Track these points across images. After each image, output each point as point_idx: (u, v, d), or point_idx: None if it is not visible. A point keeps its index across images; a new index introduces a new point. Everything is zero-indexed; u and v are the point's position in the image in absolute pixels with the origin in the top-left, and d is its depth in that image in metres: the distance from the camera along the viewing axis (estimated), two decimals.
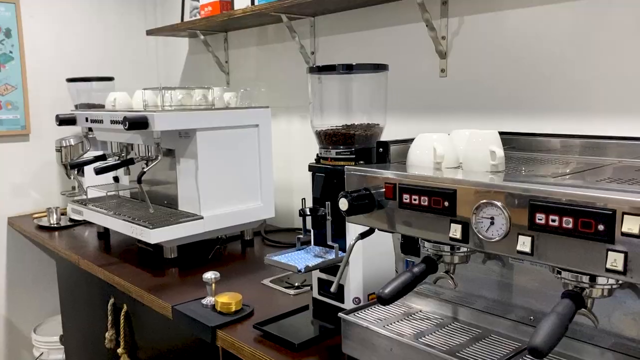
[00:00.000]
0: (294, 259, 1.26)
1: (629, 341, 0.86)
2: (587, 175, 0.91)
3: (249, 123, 1.89)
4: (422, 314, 1.11)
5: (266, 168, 1.94)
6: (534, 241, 0.79)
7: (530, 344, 0.71)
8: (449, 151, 1.06)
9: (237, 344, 1.24)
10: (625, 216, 0.70)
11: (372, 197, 1.01)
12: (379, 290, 0.91)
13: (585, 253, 0.74)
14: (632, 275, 0.70)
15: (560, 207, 0.76)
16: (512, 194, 0.81)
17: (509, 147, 1.35)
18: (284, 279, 1.62)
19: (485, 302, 1.05)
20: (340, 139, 1.26)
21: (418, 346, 0.95)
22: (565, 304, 0.75)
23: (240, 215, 1.89)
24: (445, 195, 0.90)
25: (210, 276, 1.41)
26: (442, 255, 0.98)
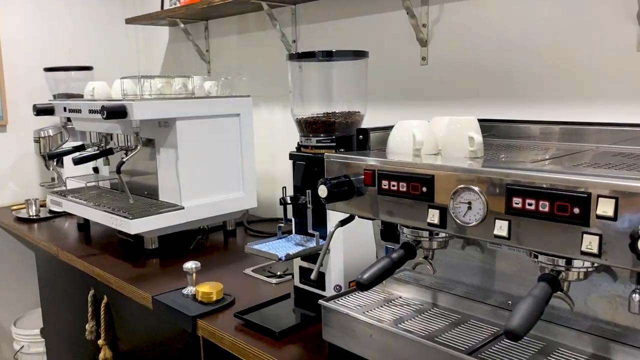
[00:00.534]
0: (274, 247, 1.25)
1: (604, 324, 0.87)
2: (565, 161, 0.92)
3: (229, 112, 1.87)
4: (402, 300, 1.11)
5: (248, 158, 1.93)
6: (511, 225, 0.79)
7: (506, 327, 0.71)
8: (429, 138, 1.06)
9: (218, 333, 1.23)
10: (600, 199, 0.70)
11: (352, 184, 1.01)
12: (358, 276, 0.91)
13: (561, 236, 0.75)
14: (607, 258, 0.71)
15: (537, 191, 0.76)
16: (489, 178, 0.82)
17: (489, 134, 1.36)
18: (266, 268, 1.62)
19: (464, 288, 1.05)
20: (321, 126, 1.25)
21: (397, 332, 0.95)
22: (542, 287, 0.76)
23: (221, 206, 1.88)
24: (423, 181, 0.89)
25: (190, 266, 1.40)
26: (420, 241, 0.98)
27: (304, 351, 1.12)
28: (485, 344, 0.91)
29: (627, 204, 0.69)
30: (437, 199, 0.89)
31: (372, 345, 0.99)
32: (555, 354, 0.88)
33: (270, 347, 1.14)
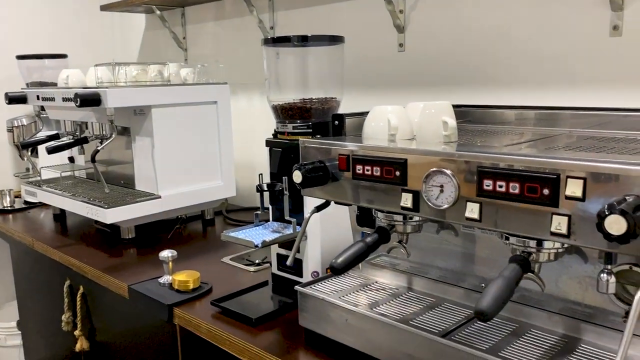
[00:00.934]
0: (251, 234, 1.25)
1: (575, 305, 0.88)
2: (538, 145, 0.92)
3: (206, 100, 1.85)
4: (377, 284, 1.12)
5: (226, 146, 1.91)
6: (482, 208, 0.80)
7: (476, 308, 0.71)
8: (404, 123, 1.06)
9: (194, 321, 1.22)
10: (569, 180, 0.71)
11: (327, 169, 1.01)
12: (332, 261, 0.91)
13: (531, 218, 0.75)
14: (576, 238, 0.71)
15: (507, 173, 0.76)
16: (461, 161, 0.82)
17: (464, 120, 1.36)
18: (245, 257, 1.61)
19: (439, 272, 1.06)
20: (297, 112, 1.25)
21: (372, 315, 0.95)
22: (512, 268, 0.76)
23: (199, 195, 1.86)
24: (396, 165, 0.89)
25: (166, 254, 1.38)
26: (394, 225, 0.98)
27: (281, 337, 1.12)
28: (458, 326, 0.92)
29: (595, 185, 0.69)
30: (410, 183, 0.89)
31: (348, 329, 1.00)
32: (527, 335, 0.89)
33: (247, 334, 1.14)
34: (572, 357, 0.81)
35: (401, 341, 0.91)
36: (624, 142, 0.92)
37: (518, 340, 0.87)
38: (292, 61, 1.31)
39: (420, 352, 0.88)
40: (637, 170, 0.66)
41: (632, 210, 0.62)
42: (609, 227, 0.63)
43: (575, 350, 0.84)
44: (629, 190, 0.67)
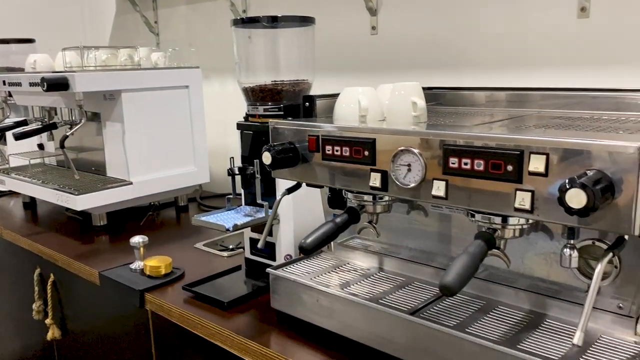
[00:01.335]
0: (222, 218, 1.24)
1: (540, 281, 0.89)
2: (506, 125, 0.93)
3: (178, 84, 1.82)
4: (349, 265, 1.12)
5: (199, 131, 1.89)
6: (448, 185, 0.80)
7: (441, 283, 0.72)
8: (374, 105, 1.05)
9: (166, 306, 1.21)
10: (532, 155, 0.72)
11: (297, 150, 1.00)
12: (301, 241, 0.91)
13: (496, 195, 0.76)
14: (539, 214, 0.72)
15: (472, 150, 0.77)
16: (427, 140, 0.82)
17: (436, 103, 1.37)
18: (218, 242, 1.60)
19: (409, 252, 1.07)
20: (268, 94, 1.24)
21: (342, 295, 0.96)
22: (477, 244, 0.77)
23: (172, 181, 1.84)
24: (365, 145, 0.89)
25: (138, 240, 1.37)
26: (364, 206, 0.98)
27: (253, 320, 1.12)
28: (427, 304, 0.93)
29: (557, 161, 0.70)
30: (378, 162, 0.89)
31: (319, 310, 1.00)
32: (494, 312, 0.90)
33: (219, 317, 1.13)
34: (537, 332, 0.83)
35: (371, 320, 0.92)
36: (589, 121, 0.93)
37: (485, 317, 0.88)
38: (262, 43, 1.30)
39: (390, 330, 0.89)
40: (597, 145, 0.67)
41: (592, 184, 0.63)
42: (570, 200, 0.64)
43: (541, 325, 0.85)
44: (591, 165, 0.68)
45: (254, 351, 1.02)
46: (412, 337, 0.87)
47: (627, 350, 0.77)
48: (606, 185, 0.65)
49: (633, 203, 0.65)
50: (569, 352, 0.77)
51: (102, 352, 1.53)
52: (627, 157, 0.65)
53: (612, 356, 0.76)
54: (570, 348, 0.78)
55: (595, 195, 0.62)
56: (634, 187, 0.65)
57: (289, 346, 1.00)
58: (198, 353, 1.19)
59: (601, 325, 0.83)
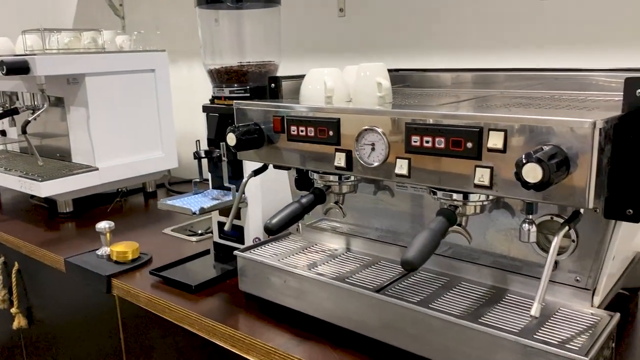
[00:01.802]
0: (189, 202, 1.23)
1: (501, 257, 0.91)
2: (468, 104, 0.94)
3: (144, 68, 1.79)
4: (317, 247, 1.13)
5: (166, 116, 1.86)
6: (411, 164, 0.81)
7: (403, 258, 0.73)
8: (340, 86, 1.05)
9: (133, 291, 1.20)
10: (491, 132, 0.73)
11: (262, 131, 1.00)
12: (266, 221, 0.91)
13: (456, 171, 0.77)
14: (497, 189, 0.74)
15: (433, 128, 0.78)
16: (390, 119, 0.83)
17: (404, 85, 1.37)
18: (187, 228, 1.59)
19: (377, 232, 1.07)
20: (234, 76, 1.22)
21: (309, 275, 0.96)
22: (438, 220, 0.78)
23: (140, 166, 1.81)
24: (330, 125, 0.89)
25: (103, 225, 1.35)
26: (330, 186, 0.98)
27: (221, 303, 1.11)
28: (393, 282, 0.94)
29: (515, 137, 0.71)
30: (343, 142, 0.89)
31: (287, 291, 1.00)
32: (457, 288, 0.92)
33: (187, 301, 1.13)
34: (499, 306, 0.85)
35: (337, 299, 0.93)
36: (550, 100, 0.95)
37: (448, 293, 0.89)
38: (227, 24, 1.28)
39: (356, 308, 0.90)
40: (553, 120, 0.68)
41: (547, 159, 0.65)
42: (526, 175, 0.65)
43: (502, 299, 0.87)
44: (548, 141, 0.69)
45: (222, 333, 1.02)
46: (378, 314, 0.88)
47: (584, 321, 0.80)
48: (561, 159, 0.66)
49: (587, 177, 0.67)
50: (528, 324, 0.79)
51: (70, 339, 1.51)
52: (581, 133, 0.66)
53: (569, 327, 0.78)
54: (530, 320, 0.80)
55: (551, 169, 0.64)
56: (588, 162, 0.66)
57: (257, 327, 1.01)
58: (166, 337, 1.18)
59: (560, 299, 0.86)
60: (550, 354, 0.71)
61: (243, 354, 0.99)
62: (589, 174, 0.66)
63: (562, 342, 0.74)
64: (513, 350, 0.74)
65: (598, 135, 0.66)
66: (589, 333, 0.76)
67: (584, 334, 0.76)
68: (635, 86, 0.71)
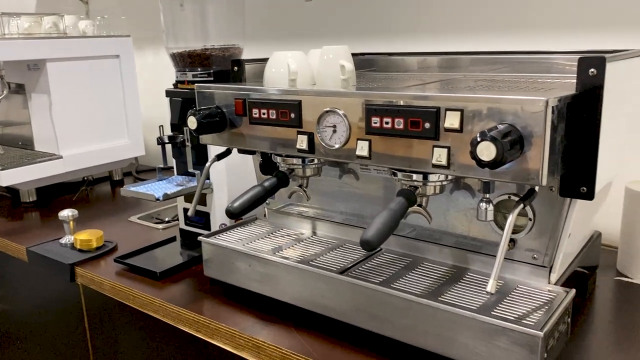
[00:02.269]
0: (153, 188, 1.21)
1: (462, 237, 0.92)
2: (430, 87, 0.94)
3: (108, 53, 1.75)
4: (283, 231, 1.13)
5: (132, 103, 1.83)
6: (371, 145, 0.81)
7: (361, 238, 0.73)
8: (304, 69, 1.05)
9: (97, 279, 1.19)
10: (447, 112, 0.73)
11: (224, 114, 0.99)
12: (228, 205, 0.90)
13: (415, 152, 0.77)
14: (455, 169, 0.74)
15: (392, 109, 0.78)
16: (350, 100, 0.83)
17: (370, 69, 1.37)
18: (154, 215, 1.57)
19: (342, 215, 1.08)
20: (197, 60, 1.21)
21: (273, 259, 0.96)
22: (397, 201, 0.79)
23: (105, 154, 1.78)
24: (291, 107, 0.89)
25: (66, 214, 1.32)
26: (294, 169, 0.98)
27: (187, 289, 1.11)
28: (356, 263, 0.95)
29: (471, 117, 0.72)
30: (305, 125, 0.89)
31: (252, 275, 1.00)
32: (419, 268, 0.93)
33: (152, 288, 1.12)
34: (459, 285, 0.86)
35: (301, 281, 0.93)
36: (511, 83, 0.96)
37: (410, 273, 0.90)
38: (190, 6, 1.26)
39: (319, 290, 0.91)
40: (507, 99, 0.69)
41: (501, 137, 0.65)
42: (480, 153, 0.66)
43: (462, 278, 0.88)
44: (503, 120, 0.70)
45: (187, 319, 1.02)
46: (341, 295, 0.88)
47: (541, 298, 0.82)
48: (515, 138, 0.67)
49: (541, 155, 0.68)
50: (487, 302, 0.80)
51: (35, 329, 1.49)
52: (534, 111, 0.67)
53: (526, 303, 0.80)
54: (489, 297, 0.81)
55: (504, 147, 0.65)
56: (541, 140, 0.67)
57: (222, 312, 1.00)
58: (132, 324, 1.17)
59: (518, 276, 0.87)
60: (507, 329, 0.72)
61: (208, 338, 0.99)
62: (542, 152, 0.68)
63: (518, 317, 0.75)
64: (471, 326, 0.75)
65: (550, 114, 0.67)
66: (545, 309, 0.78)
67: (540, 310, 0.78)
68: (588, 65, 0.73)
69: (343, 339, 0.89)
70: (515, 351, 0.72)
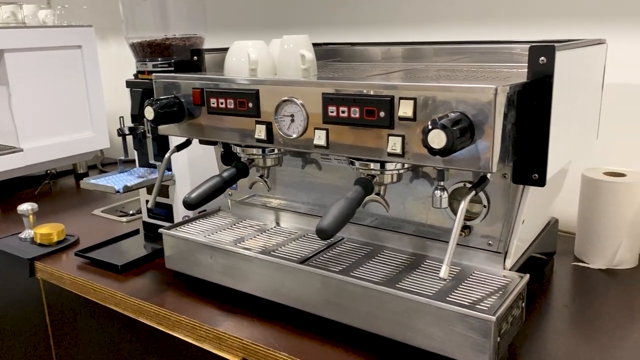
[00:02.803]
0: (113, 180, 1.19)
1: (420, 225, 0.93)
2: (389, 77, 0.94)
3: (69, 44, 1.71)
4: (246, 222, 1.12)
5: (95, 94, 1.80)
6: (329, 134, 0.81)
7: (317, 227, 0.74)
8: (265, 58, 1.04)
9: (57, 273, 1.17)
10: (401, 101, 0.74)
11: (182, 104, 0.98)
12: (185, 195, 0.89)
13: (372, 141, 0.78)
14: (409, 157, 0.75)
15: (348, 98, 0.78)
16: (308, 90, 0.82)
17: (335, 59, 1.37)
18: (118, 208, 1.55)
19: (305, 205, 1.08)
20: (157, 50, 1.19)
21: (233, 250, 0.96)
22: (354, 189, 0.79)
23: (68, 147, 1.74)
24: (249, 96, 0.88)
25: (26, 207, 1.29)
26: (254, 159, 0.98)
27: (149, 282, 1.09)
28: (317, 253, 0.95)
29: (424, 105, 0.73)
30: (263, 114, 0.89)
31: (214, 267, 1.00)
32: (379, 256, 0.93)
33: (113, 281, 1.10)
34: (417, 272, 0.87)
35: (262, 272, 0.93)
36: (470, 72, 0.97)
37: (370, 261, 0.91)
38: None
39: (280, 280, 0.91)
40: (458, 87, 0.70)
41: (451, 125, 0.66)
42: (431, 141, 0.66)
43: (421, 265, 0.89)
44: (455, 108, 0.71)
45: (148, 312, 1.01)
46: (301, 284, 0.88)
47: (496, 283, 0.83)
48: (465, 126, 0.68)
49: (491, 143, 0.69)
50: (443, 288, 0.81)
51: None
52: (484, 99, 0.68)
53: (481, 289, 0.81)
54: (445, 284, 0.82)
55: (454, 135, 0.65)
56: (491, 128, 0.68)
57: (183, 304, 1.00)
58: (93, 318, 1.15)
59: (475, 262, 0.89)
60: (460, 314, 0.74)
61: (169, 331, 0.98)
62: (492, 140, 0.68)
63: (472, 302, 0.77)
64: (427, 312, 0.76)
65: (500, 102, 0.68)
66: (499, 294, 0.79)
67: (494, 295, 0.79)
68: (538, 54, 0.74)
69: (305, 328, 0.89)
70: (469, 335, 0.73)
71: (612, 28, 1.19)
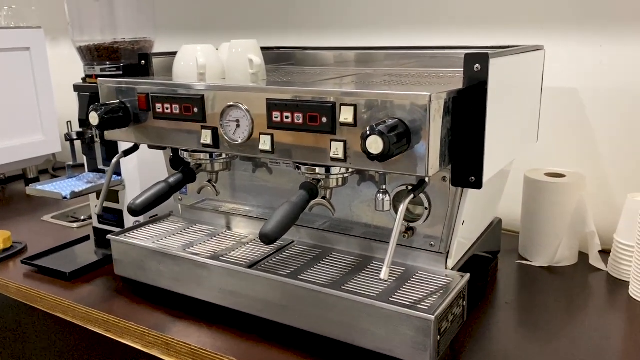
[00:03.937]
0: (61, 186, 1.17)
1: (367, 227, 0.95)
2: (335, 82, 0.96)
3: (17, 46, 1.66)
4: (196, 227, 1.12)
5: (45, 97, 1.75)
6: (274, 139, 0.82)
7: (260, 232, 0.75)
8: (214, 62, 1.04)
9: (2, 282, 1.14)
10: (342, 107, 0.75)
11: (127, 110, 0.97)
12: (130, 202, 0.89)
13: (315, 146, 0.79)
14: (351, 162, 0.77)
15: (291, 104, 0.79)
16: (253, 95, 0.83)
17: (288, 63, 1.38)
18: (70, 214, 1.52)
19: (257, 209, 1.08)
20: (104, 53, 1.17)
21: (181, 255, 0.96)
22: (299, 194, 0.80)
23: (17, 151, 1.69)
24: (194, 102, 0.89)
25: None
26: (202, 164, 0.98)
27: (98, 289, 1.08)
28: (266, 257, 0.96)
29: (364, 111, 0.74)
30: (209, 119, 0.89)
31: (163, 273, 0.99)
32: (327, 259, 0.95)
33: (61, 289, 1.08)
34: (363, 273, 0.89)
35: (211, 277, 0.93)
36: (418, 77, 0.99)
37: (318, 264, 0.92)
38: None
39: (229, 285, 0.91)
40: (394, 94, 0.72)
41: (388, 131, 0.68)
42: (369, 147, 0.68)
43: (367, 267, 0.91)
44: (393, 115, 0.73)
45: (96, 319, 1.00)
46: (249, 289, 0.89)
47: (438, 282, 0.86)
48: (402, 131, 0.70)
49: (427, 147, 0.71)
50: (386, 289, 0.83)
51: None
52: (419, 105, 0.70)
53: (423, 289, 0.83)
54: (389, 285, 0.84)
55: (390, 140, 0.67)
56: (426, 133, 0.71)
57: (132, 311, 0.99)
58: (41, 327, 1.13)
59: (419, 263, 0.91)
60: (401, 314, 0.76)
61: (118, 338, 0.97)
62: (428, 145, 0.71)
63: (414, 302, 0.79)
64: (370, 313, 0.78)
65: (434, 108, 0.70)
66: (439, 293, 0.82)
67: (435, 294, 0.82)
68: (473, 61, 0.76)
69: (254, 332, 0.90)
70: (410, 334, 0.76)
71: (552, 34, 1.24)
